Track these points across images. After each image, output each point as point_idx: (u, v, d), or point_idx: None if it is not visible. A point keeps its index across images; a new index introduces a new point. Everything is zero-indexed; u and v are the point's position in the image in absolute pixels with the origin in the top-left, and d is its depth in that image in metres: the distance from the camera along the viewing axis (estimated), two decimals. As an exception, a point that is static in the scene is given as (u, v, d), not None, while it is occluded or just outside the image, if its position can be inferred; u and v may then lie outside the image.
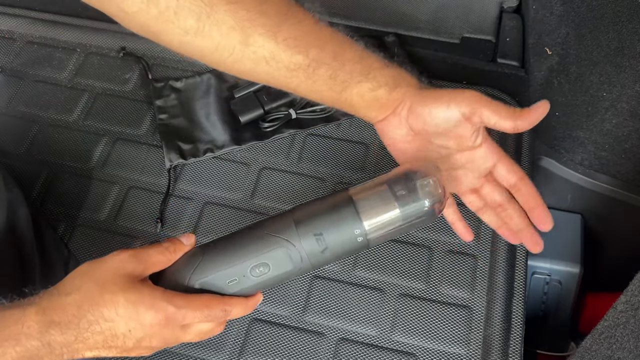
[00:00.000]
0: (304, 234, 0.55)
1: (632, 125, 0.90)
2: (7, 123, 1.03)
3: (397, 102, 0.60)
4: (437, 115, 0.59)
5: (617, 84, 0.89)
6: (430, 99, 0.59)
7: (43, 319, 0.50)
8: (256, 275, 0.56)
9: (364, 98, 0.60)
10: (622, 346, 0.56)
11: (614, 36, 0.89)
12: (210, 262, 0.57)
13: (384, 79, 0.60)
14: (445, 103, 0.58)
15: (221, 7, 0.55)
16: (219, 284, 0.56)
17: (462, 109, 0.58)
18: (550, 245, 1.02)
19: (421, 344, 0.84)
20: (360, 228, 0.55)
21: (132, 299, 0.52)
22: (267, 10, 0.56)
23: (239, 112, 1.00)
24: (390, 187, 0.56)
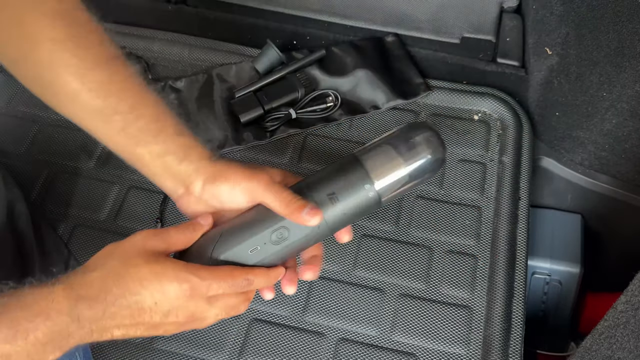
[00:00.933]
0: (317, 195, 0.57)
1: (632, 125, 0.90)
2: (7, 123, 1.03)
3: (189, 178, 0.61)
4: (228, 194, 0.60)
5: (617, 84, 0.89)
6: (220, 179, 0.60)
7: (71, 294, 0.51)
8: (276, 242, 0.57)
9: (155, 161, 0.61)
10: (622, 346, 0.56)
11: (614, 36, 0.89)
12: (231, 234, 0.58)
13: (173, 146, 0.61)
14: (231, 186, 0.59)
15: (45, 45, 0.60)
16: (241, 254, 0.57)
17: (245, 197, 0.59)
18: (550, 245, 1.02)
19: (421, 344, 0.84)
20: (370, 183, 0.57)
21: (156, 271, 0.53)
22: (85, 55, 0.61)
23: (239, 112, 1.00)
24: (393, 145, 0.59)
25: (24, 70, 0.63)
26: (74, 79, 0.61)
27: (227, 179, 0.59)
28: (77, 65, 0.61)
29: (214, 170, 0.60)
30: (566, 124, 0.99)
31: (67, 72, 0.61)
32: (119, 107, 0.61)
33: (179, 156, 0.61)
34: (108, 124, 0.61)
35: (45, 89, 0.63)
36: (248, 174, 0.59)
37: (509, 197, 0.94)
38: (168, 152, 0.61)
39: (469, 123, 1.03)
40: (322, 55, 1.06)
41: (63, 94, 0.62)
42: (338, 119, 1.02)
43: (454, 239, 0.92)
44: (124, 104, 0.61)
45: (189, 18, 1.14)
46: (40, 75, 0.62)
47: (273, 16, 1.13)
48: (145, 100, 0.63)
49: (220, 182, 0.59)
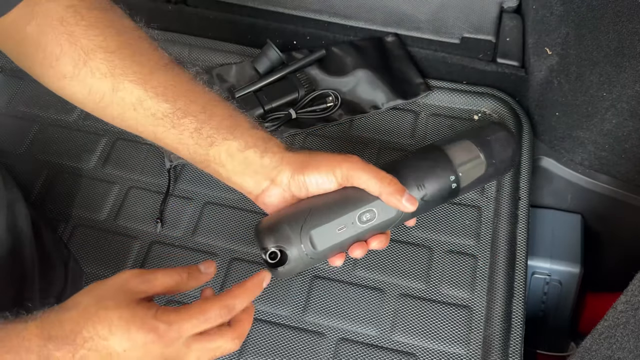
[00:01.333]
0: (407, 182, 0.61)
1: (632, 125, 0.90)
2: (7, 123, 1.03)
3: (275, 170, 0.60)
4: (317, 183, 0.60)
5: (617, 84, 0.89)
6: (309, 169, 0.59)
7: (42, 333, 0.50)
8: (363, 222, 0.60)
9: (234, 158, 0.60)
10: (622, 346, 0.56)
11: (614, 36, 0.89)
12: (321, 210, 0.59)
13: (252, 139, 0.60)
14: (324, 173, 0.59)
15: (98, 55, 0.59)
16: (330, 231, 0.59)
17: (338, 179, 0.60)
18: (550, 245, 1.02)
19: (421, 344, 0.84)
20: (455, 175, 0.63)
21: (125, 317, 0.51)
22: (143, 61, 0.60)
23: (239, 112, 1.00)
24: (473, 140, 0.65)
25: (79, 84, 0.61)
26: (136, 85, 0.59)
27: (317, 167, 0.59)
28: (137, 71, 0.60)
29: (300, 160, 0.60)
30: (566, 124, 0.99)
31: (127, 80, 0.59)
32: (189, 108, 0.60)
33: (260, 149, 0.60)
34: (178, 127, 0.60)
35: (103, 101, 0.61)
36: (339, 158, 0.59)
37: (509, 197, 0.94)
38: (248, 146, 0.60)
39: (469, 123, 1.03)
40: (322, 55, 1.06)
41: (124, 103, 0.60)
42: (338, 119, 1.02)
43: (454, 239, 0.92)
44: (195, 105, 0.60)
45: (189, 18, 1.14)
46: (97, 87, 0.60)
47: (273, 16, 1.13)
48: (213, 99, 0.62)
49: (310, 171, 0.59)
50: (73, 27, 0.60)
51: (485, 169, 0.65)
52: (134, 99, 0.60)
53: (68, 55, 0.60)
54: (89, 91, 0.61)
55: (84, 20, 0.60)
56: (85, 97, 0.62)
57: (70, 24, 0.60)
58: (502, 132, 0.67)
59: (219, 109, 0.61)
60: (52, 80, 0.62)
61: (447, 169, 0.63)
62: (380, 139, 1.01)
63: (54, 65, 0.60)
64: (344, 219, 0.59)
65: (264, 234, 0.59)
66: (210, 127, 0.60)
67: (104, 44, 0.60)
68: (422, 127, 1.02)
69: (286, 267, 0.59)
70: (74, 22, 0.60)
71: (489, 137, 0.66)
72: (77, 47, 0.60)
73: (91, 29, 0.60)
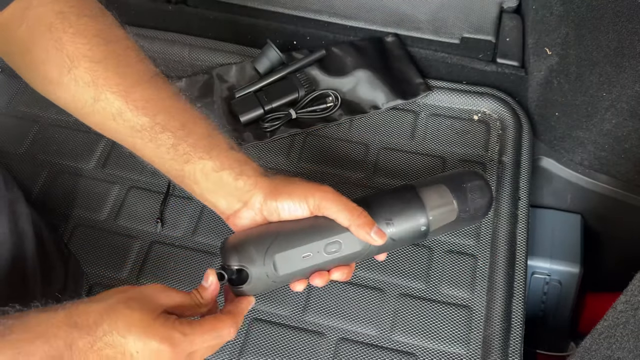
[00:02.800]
0: (376, 219, 0.61)
1: (632, 125, 0.90)
2: (7, 123, 1.03)
3: (248, 193, 0.61)
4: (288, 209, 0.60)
5: (617, 84, 0.89)
6: (282, 196, 0.60)
7: (68, 321, 0.51)
8: (329, 253, 0.61)
9: (209, 177, 0.61)
10: (622, 346, 0.56)
11: (614, 36, 0.89)
12: (288, 235, 0.60)
13: (229, 161, 0.61)
14: (297, 201, 0.60)
15: (83, 63, 0.60)
16: (294, 258, 0.60)
17: (310, 208, 0.60)
18: (550, 245, 1.02)
19: (421, 344, 0.84)
20: (425, 218, 0.63)
21: (144, 320, 0.52)
22: (127, 72, 0.61)
23: (239, 112, 1.00)
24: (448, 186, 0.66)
25: (62, 90, 0.62)
26: (117, 97, 0.60)
27: (290, 194, 0.60)
28: (120, 83, 0.60)
29: (274, 185, 0.60)
30: (566, 124, 0.99)
31: (109, 91, 0.60)
32: (168, 124, 0.60)
33: (235, 171, 0.60)
34: (156, 141, 0.61)
35: (84, 109, 0.62)
36: (312, 188, 0.60)
37: (508, 197, 0.94)
38: (223, 168, 0.60)
39: (469, 123, 1.03)
40: (322, 55, 1.06)
41: (105, 113, 0.61)
42: (338, 119, 1.02)
43: (454, 238, 0.92)
44: (174, 121, 0.60)
45: (189, 18, 1.14)
46: (80, 95, 0.61)
47: (273, 16, 1.13)
48: (194, 117, 0.62)
49: (283, 197, 0.60)
50: (60, 33, 0.60)
51: (457, 216, 0.65)
52: (114, 110, 0.60)
53: (53, 61, 0.60)
54: (72, 98, 0.62)
55: (72, 28, 0.60)
56: (69, 102, 0.63)
57: (58, 30, 0.60)
58: (478, 181, 0.67)
59: (198, 127, 0.62)
60: (37, 83, 0.64)
61: (418, 212, 0.63)
62: (380, 139, 1.01)
63: (40, 70, 0.62)
64: (310, 247, 0.60)
65: (229, 251, 0.60)
66: (188, 144, 0.61)
67: (90, 53, 0.60)
68: (422, 127, 1.02)
69: (245, 286, 0.60)
70: (62, 29, 0.60)
71: (465, 185, 0.66)
72: (63, 54, 0.60)
73: (78, 36, 0.60)
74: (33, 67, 0.62)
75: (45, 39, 0.60)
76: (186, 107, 0.63)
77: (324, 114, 1.02)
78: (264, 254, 0.59)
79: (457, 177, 0.68)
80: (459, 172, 0.69)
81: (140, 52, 0.64)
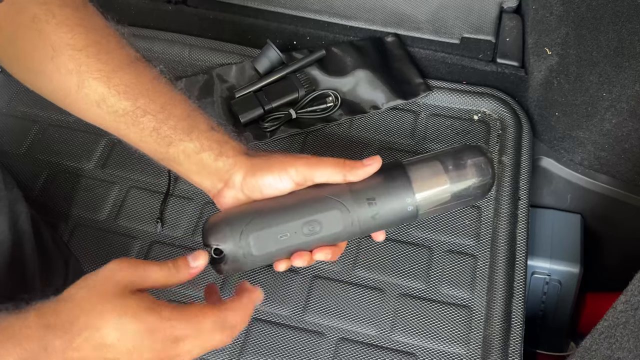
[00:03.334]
0: (358, 198, 0.58)
1: (632, 125, 0.90)
2: (7, 123, 1.03)
3: (227, 173, 0.61)
4: (270, 186, 0.60)
5: (617, 84, 0.89)
6: (263, 171, 0.60)
7: (40, 322, 0.51)
8: (307, 234, 0.58)
9: (191, 159, 0.61)
10: (622, 346, 0.56)
11: (614, 36, 0.89)
12: (265, 216, 0.58)
13: (208, 142, 0.61)
14: (277, 174, 0.59)
15: (65, 52, 0.60)
16: (271, 237, 0.58)
17: (292, 178, 0.59)
18: (550, 245, 1.02)
19: (421, 344, 0.84)
20: (412, 197, 0.58)
21: (117, 307, 0.51)
22: (108, 59, 0.61)
23: (239, 112, 1.00)
24: (442, 162, 0.59)
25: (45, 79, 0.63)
26: (100, 83, 0.61)
27: (269, 168, 0.59)
28: (101, 69, 0.61)
29: (253, 163, 0.60)
30: (566, 124, 0.99)
31: (91, 77, 0.61)
32: (149, 107, 0.61)
33: (214, 152, 0.61)
34: (138, 125, 0.61)
35: (69, 97, 0.63)
36: (290, 158, 0.59)
37: (508, 197, 0.94)
38: (203, 149, 0.61)
39: (469, 123, 1.03)
40: (322, 55, 1.06)
41: (88, 100, 0.62)
42: (338, 119, 1.02)
43: (454, 239, 0.92)
44: (154, 104, 0.61)
45: (189, 18, 1.14)
46: (63, 83, 0.62)
47: (273, 16, 1.13)
48: (174, 99, 0.63)
49: (263, 173, 0.59)
50: (44, 24, 0.61)
51: (451, 195, 0.59)
52: (98, 96, 0.61)
53: (37, 51, 0.61)
54: (55, 86, 0.63)
55: (54, 18, 0.61)
56: (53, 91, 0.64)
57: (41, 21, 0.61)
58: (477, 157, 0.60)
59: (177, 109, 0.62)
60: (22, 74, 0.64)
61: (404, 191, 0.58)
62: (380, 139, 1.01)
63: (24, 60, 0.63)
64: (286, 226, 0.58)
65: (206, 231, 0.60)
66: (168, 127, 0.61)
67: (72, 42, 0.61)
68: (422, 127, 1.03)
69: (223, 266, 0.59)
70: (45, 20, 0.61)
71: (462, 161, 0.59)
72: (47, 44, 0.61)
73: (61, 26, 0.61)
74: (16, 58, 0.63)
75: (29, 30, 0.61)
76: (166, 89, 0.63)
77: (324, 114, 1.02)
78: (239, 233, 0.58)
79: (454, 153, 0.60)
80: (458, 147, 0.61)
81: (120, 39, 0.65)
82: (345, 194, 0.58)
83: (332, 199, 0.58)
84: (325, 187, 0.59)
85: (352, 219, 0.58)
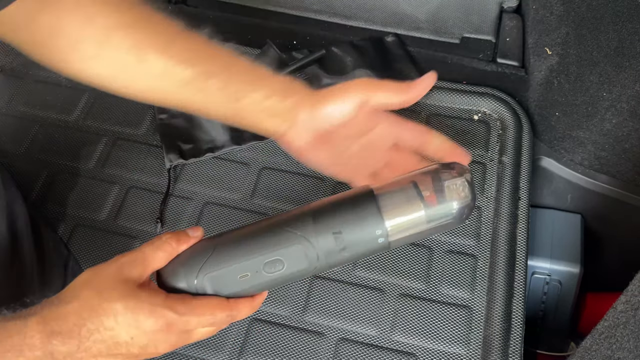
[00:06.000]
0: (322, 231, 0.52)
1: (632, 125, 0.90)
2: (7, 123, 1.03)
3: (294, 111, 0.62)
4: (335, 111, 0.60)
5: (617, 84, 0.89)
6: (325, 99, 0.61)
7: (44, 329, 0.50)
8: (269, 272, 0.53)
9: (258, 108, 0.62)
10: (622, 346, 0.56)
11: (614, 36, 0.89)
12: (222, 254, 0.54)
13: (274, 85, 0.62)
14: (339, 98, 0.60)
15: (118, 31, 0.60)
16: (230, 278, 0.54)
17: (356, 100, 0.60)
18: (550, 245, 1.02)
19: (421, 344, 0.84)
20: (382, 228, 0.52)
21: (130, 306, 0.51)
22: (160, 30, 0.62)
23: (239, 112, 1.00)
24: (416, 186, 0.53)
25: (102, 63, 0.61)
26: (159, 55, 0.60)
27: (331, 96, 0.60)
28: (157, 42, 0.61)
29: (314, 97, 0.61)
30: (566, 124, 0.99)
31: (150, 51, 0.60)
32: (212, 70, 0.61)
33: (281, 95, 0.61)
34: (204, 90, 0.62)
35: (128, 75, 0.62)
36: (350, 83, 0.60)
37: (509, 197, 0.94)
38: (271, 95, 0.61)
39: (469, 123, 1.03)
40: (322, 55, 1.06)
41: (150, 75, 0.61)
42: (338, 119, 1.02)
43: (454, 238, 0.92)
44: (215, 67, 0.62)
45: (189, 18, 1.14)
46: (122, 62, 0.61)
47: (273, 16, 1.13)
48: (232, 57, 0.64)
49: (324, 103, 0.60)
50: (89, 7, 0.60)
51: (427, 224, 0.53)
52: (159, 69, 0.61)
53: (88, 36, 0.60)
54: (114, 68, 0.61)
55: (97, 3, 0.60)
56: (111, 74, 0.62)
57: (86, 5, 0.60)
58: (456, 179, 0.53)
59: (237, 65, 0.63)
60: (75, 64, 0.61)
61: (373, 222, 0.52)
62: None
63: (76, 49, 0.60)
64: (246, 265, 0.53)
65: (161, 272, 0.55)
66: (234, 82, 0.62)
67: (122, 20, 0.60)
68: (422, 127, 1.02)
69: None
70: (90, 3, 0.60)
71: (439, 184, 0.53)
72: (97, 26, 0.60)
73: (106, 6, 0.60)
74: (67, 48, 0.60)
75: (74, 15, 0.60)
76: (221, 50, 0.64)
77: (324, 114, 1.02)
78: (195, 275, 0.54)
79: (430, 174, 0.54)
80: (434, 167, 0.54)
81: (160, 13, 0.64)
82: (308, 227, 0.53)
83: (294, 233, 0.53)
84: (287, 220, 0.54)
85: (317, 254, 0.52)
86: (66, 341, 0.49)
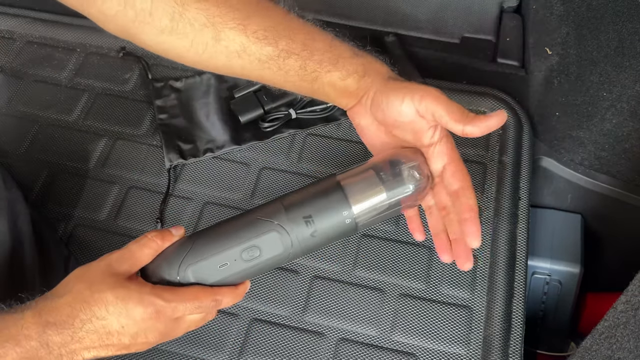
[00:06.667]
0: (294, 217, 0.57)
1: (632, 125, 0.90)
2: (7, 123, 1.03)
3: (362, 91, 0.62)
4: (393, 107, 0.59)
5: (617, 84, 0.89)
6: (390, 91, 0.60)
7: (39, 321, 0.52)
8: (247, 259, 0.57)
9: (336, 87, 0.62)
10: (622, 346, 0.56)
11: (614, 36, 0.89)
12: (201, 246, 0.58)
13: (353, 67, 0.61)
14: (401, 97, 0.59)
15: (192, 5, 0.58)
16: (210, 268, 0.57)
17: (416, 105, 0.59)
18: (550, 245, 1.02)
19: (421, 344, 0.84)
20: (349, 210, 0.57)
21: (120, 296, 0.53)
22: (236, 4, 0.59)
23: (239, 112, 1.00)
24: (376, 172, 0.59)
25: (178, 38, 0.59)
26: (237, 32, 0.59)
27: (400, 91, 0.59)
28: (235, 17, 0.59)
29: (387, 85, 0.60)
30: (566, 124, 0.99)
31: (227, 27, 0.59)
32: (291, 48, 0.60)
33: (359, 75, 0.61)
34: (284, 68, 0.61)
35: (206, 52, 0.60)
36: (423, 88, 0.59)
37: (509, 197, 0.94)
38: (349, 74, 0.61)
39: (469, 123, 1.02)
40: (322, 55, 1.05)
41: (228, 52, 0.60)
42: (338, 119, 1.02)
43: (454, 239, 0.92)
44: (295, 43, 0.60)
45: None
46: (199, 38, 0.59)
47: (273, 16, 1.13)
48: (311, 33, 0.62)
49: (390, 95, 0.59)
50: None
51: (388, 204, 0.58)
52: (237, 46, 0.59)
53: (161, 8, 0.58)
54: (190, 43, 0.60)
55: None
56: (187, 49, 0.60)
57: None
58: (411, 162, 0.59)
59: (318, 42, 0.62)
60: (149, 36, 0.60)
61: (340, 205, 0.57)
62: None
63: (149, 21, 0.58)
64: (225, 255, 0.57)
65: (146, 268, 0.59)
66: (313, 62, 0.61)
67: None
68: (422, 127, 1.02)
69: None
70: None
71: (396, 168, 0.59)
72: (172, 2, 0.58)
73: None
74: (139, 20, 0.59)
75: None
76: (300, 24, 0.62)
77: (324, 114, 1.02)
78: (177, 268, 0.57)
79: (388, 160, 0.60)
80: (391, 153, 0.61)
81: None
82: (280, 214, 0.57)
83: (268, 221, 0.57)
84: (260, 210, 0.59)
85: (291, 240, 0.57)
86: (60, 331, 0.52)
